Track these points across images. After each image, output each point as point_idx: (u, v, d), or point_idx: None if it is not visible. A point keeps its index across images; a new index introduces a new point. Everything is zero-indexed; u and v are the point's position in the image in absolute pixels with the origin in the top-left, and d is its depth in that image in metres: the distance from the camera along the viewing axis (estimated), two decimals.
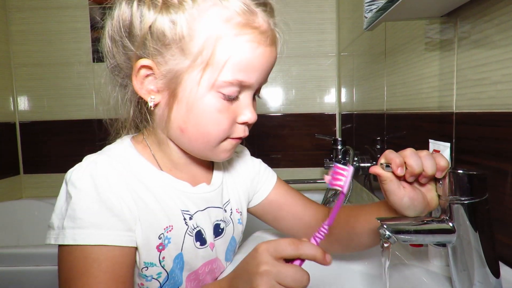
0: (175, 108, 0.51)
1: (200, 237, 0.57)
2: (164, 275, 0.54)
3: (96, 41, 1.87)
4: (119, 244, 0.48)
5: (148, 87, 0.51)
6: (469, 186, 0.44)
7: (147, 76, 0.51)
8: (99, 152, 0.55)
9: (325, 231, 0.44)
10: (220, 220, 0.61)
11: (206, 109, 0.50)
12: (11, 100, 1.90)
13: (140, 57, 0.50)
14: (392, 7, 0.61)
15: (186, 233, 0.55)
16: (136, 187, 0.52)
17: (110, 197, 0.49)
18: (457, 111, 0.66)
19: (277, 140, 1.89)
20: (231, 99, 0.51)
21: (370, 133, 1.24)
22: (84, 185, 0.49)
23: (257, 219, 0.71)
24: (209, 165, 0.63)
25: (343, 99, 1.76)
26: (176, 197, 0.55)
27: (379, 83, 1.11)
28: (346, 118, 1.69)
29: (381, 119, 1.10)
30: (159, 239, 0.53)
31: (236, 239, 0.66)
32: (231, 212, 0.63)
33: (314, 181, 1.78)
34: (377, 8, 0.68)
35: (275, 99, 1.88)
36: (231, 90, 0.50)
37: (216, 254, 0.61)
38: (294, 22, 1.94)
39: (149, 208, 0.52)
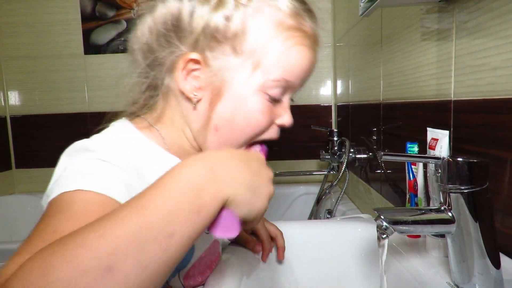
0: (218, 107, 0.50)
1: None
2: None
3: (87, 33, 1.84)
4: (113, 195, 0.41)
5: (192, 83, 0.50)
6: (468, 174, 0.43)
7: (192, 71, 0.49)
8: (102, 134, 0.51)
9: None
10: None
11: (251, 110, 0.49)
12: (1, 94, 1.87)
13: (189, 52, 0.49)
14: None
15: None
16: (144, 170, 0.48)
17: (122, 163, 0.45)
18: (455, 98, 0.65)
19: None
20: (275, 101, 0.51)
21: (366, 124, 1.23)
22: (98, 148, 0.45)
23: None
24: None
25: (339, 90, 1.75)
26: None
27: (375, 73, 1.10)
28: (342, 109, 1.68)
29: (377, 109, 1.08)
30: None
31: None
32: None
33: (311, 173, 1.77)
34: None
35: None
36: (277, 91, 0.50)
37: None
38: None
39: None
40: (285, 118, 0.53)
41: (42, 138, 1.89)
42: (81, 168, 0.43)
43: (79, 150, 0.46)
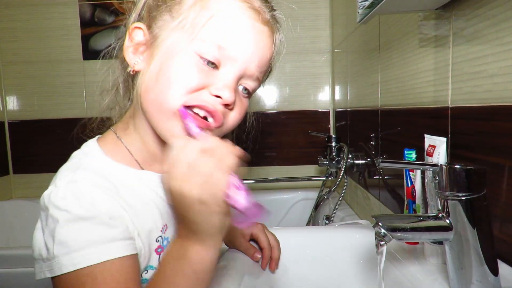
0: (149, 69, 0.48)
1: None
2: None
3: (86, 38, 1.84)
4: (122, 255, 0.44)
5: (138, 57, 0.50)
6: (466, 181, 0.43)
7: (140, 44, 0.50)
8: (70, 166, 0.50)
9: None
10: None
11: (179, 61, 0.47)
12: (0, 99, 1.87)
13: (135, 21, 0.50)
14: None
15: None
16: (123, 195, 0.48)
17: (100, 210, 0.45)
18: (452, 105, 0.65)
19: (271, 137, 1.87)
20: (210, 64, 0.47)
21: (365, 130, 1.23)
22: (70, 204, 0.44)
23: None
24: None
25: (337, 96, 1.75)
26: (162, 192, 0.53)
27: (373, 79, 1.10)
28: (340, 115, 1.68)
29: (375, 115, 1.09)
30: (157, 242, 0.51)
31: None
32: None
33: (309, 178, 1.76)
34: (371, 1, 0.67)
35: (269, 96, 1.86)
36: (208, 51, 0.46)
37: None
38: (287, 19, 1.92)
39: (141, 214, 0.49)
40: (222, 90, 0.47)
41: (40, 144, 1.88)
42: (77, 236, 0.43)
43: (53, 216, 0.44)
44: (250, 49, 0.49)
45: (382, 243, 0.45)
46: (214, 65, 0.47)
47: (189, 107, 0.47)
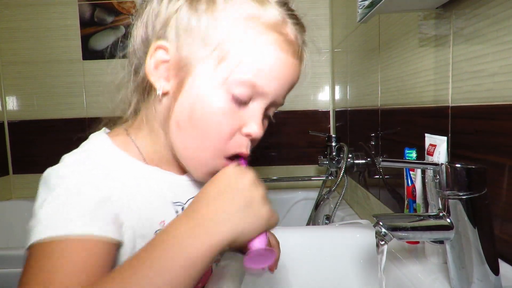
0: (179, 99, 0.47)
1: None
2: None
3: (85, 38, 1.84)
4: (95, 234, 0.42)
5: (161, 73, 0.48)
6: (467, 180, 0.43)
7: (162, 62, 0.48)
8: (78, 150, 0.50)
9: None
10: None
11: (212, 107, 0.46)
12: None
13: (159, 39, 0.48)
14: None
15: None
16: (125, 188, 0.48)
17: (94, 193, 0.44)
18: (452, 104, 0.65)
19: (271, 137, 1.87)
20: (240, 103, 0.47)
21: (365, 130, 1.23)
22: (71, 180, 0.44)
23: None
24: None
25: (337, 96, 1.75)
26: (166, 189, 0.53)
27: (373, 79, 1.10)
28: (340, 114, 1.68)
29: (375, 115, 1.09)
30: (155, 234, 0.51)
31: None
32: None
33: (309, 178, 1.76)
34: (371, 1, 0.67)
35: None
36: (242, 91, 0.46)
37: None
38: None
39: (142, 207, 0.49)
40: (252, 127, 0.48)
41: (40, 144, 1.88)
42: (60, 208, 0.42)
43: (54, 184, 0.44)
44: (282, 84, 0.49)
45: (382, 242, 0.45)
46: (245, 102, 0.47)
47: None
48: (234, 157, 0.50)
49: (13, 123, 1.89)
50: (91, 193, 0.44)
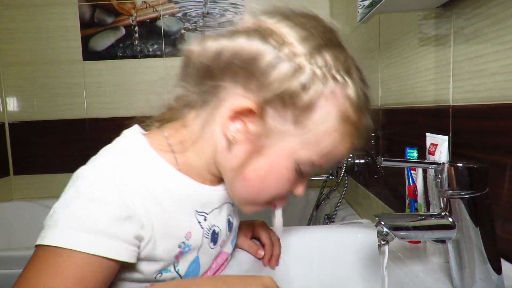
0: (254, 161, 0.49)
1: (214, 237, 0.56)
2: (177, 278, 0.52)
3: (85, 39, 1.85)
4: (103, 255, 0.42)
5: (236, 125, 0.48)
6: (469, 179, 0.43)
7: (243, 115, 0.47)
8: (113, 149, 0.50)
9: None
10: (229, 215, 0.60)
11: (283, 176, 0.50)
12: (0, 100, 1.87)
13: (251, 100, 0.46)
14: None
15: (203, 236, 0.54)
16: (156, 192, 0.48)
17: (119, 202, 0.44)
18: (453, 104, 0.65)
19: None
20: (301, 173, 0.51)
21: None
22: (95, 185, 0.44)
23: None
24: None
25: None
26: (194, 199, 0.53)
27: (374, 78, 1.10)
28: None
29: (376, 114, 1.09)
30: (179, 247, 0.50)
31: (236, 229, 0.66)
32: (233, 204, 0.62)
33: (309, 178, 1.76)
34: (371, 0, 0.67)
35: None
36: (307, 169, 0.50)
37: (225, 248, 0.61)
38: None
39: (169, 216, 0.49)
40: (300, 190, 0.54)
41: (40, 144, 1.88)
42: (79, 219, 0.42)
43: (80, 188, 0.44)
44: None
45: (384, 242, 0.45)
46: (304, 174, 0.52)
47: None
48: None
49: (13, 124, 1.89)
50: (115, 209, 0.43)
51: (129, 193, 0.45)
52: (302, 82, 0.44)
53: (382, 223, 0.44)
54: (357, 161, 1.26)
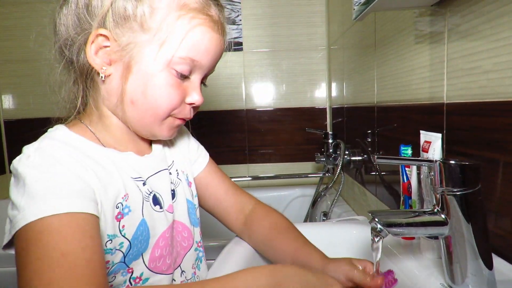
0: (129, 80, 0.54)
1: (156, 201, 0.59)
2: (126, 244, 0.54)
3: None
4: (83, 211, 0.46)
5: (102, 59, 0.53)
6: (461, 177, 0.43)
7: (102, 48, 0.53)
8: (37, 141, 0.53)
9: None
10: (170, 183, 0.64)
11: (161, 83, 0.54)
12: None
13: (99, 27, 0.52)
14: None
15: (144, 200, 0.57)
16: (85, 162, 0.51)
17: (66, 169, 0.48)
18: (447, 101, 0.66)
19: (268, 135, 1.88)
20: (183, 77, 0.55)
21: (361, 126, 1.23)
22: (36, 162, 0.47)
23: None
24: (149, 141, 0.65)
25: (333, 93, 1.75)
26: (126, 167, 0.56)
27: (369, 76, 1.10)
28: (337, 111, 1.68)
29: (371, 112, 1.09)
30: (117, 208, 0.53)
31: (193, 203, 0.68)
32: (177, 173, 0.66)
33: (306, 175, 1.77)
34: (364, 0, 0.67)
35: (266, 93, 1.87)
36: (183, 68, 0.54)
37: (177, 217, 0.63)
38: (283, 16, 1.93)
39: (102, 181, 0.52)
40: (194, 97, 0.58)
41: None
42: (40, 188, 0.45)
43: (26, 172, 0.46)
44: (213, 56, 0.57)
45: (377, 238, 0.46)
46: (186, 76, 0.56)
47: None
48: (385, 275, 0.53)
49: (9, 121, 1.88)
50: (65, 173, 0.47)
51: (68, 163, 0.48)
52: None
53: (376, 219, 0.45)
54: (353, 158, 1.27)
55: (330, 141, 1.47)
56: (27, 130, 1.87)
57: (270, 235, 0.66)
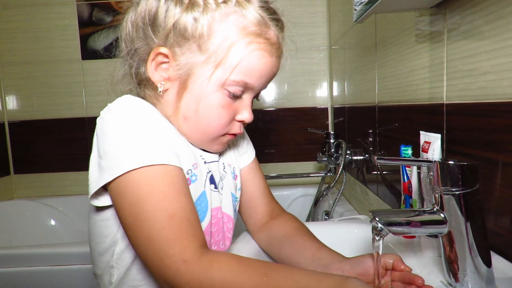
0: (184, 98, 0.56)
1: (213, 181, 0.63)
2: None
3: (84, 38, 1.85)
4: (174, 164, 0.51)
5: (160, 74, 0.56)
6: (459, 176, 0.44)
7: (162, 63, 0.56)
8: (119, 99, 0.56)
9: None
10: (219, 173, 0.66)
11: (212, 103, 0.56)
12: None
13: (160, 45, 0.55)
14: None
15: (207, 174, 0.61)
16: (165, 126, 0.56)
17: (153, 126, 0.52)
18: (447, 102, 0.66)
19: (270, 135, 1.89)
20: (235, 97, 0.56)
21: (362, 126, 1.24)
22: (132, 114, 0.52)
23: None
24: None
25: (335, 93, 1.76)
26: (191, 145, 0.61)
27: (370, 76, 1.11)
28: (338, 111, 1.69)
29: (372, 111, 1.10)
30: (187, 174, 0.56)
31: (235, 196, 0.70)
32: (224, 166, 0.68)
33: (308, 175, 1.78)
34: (367, 0, 0.68)
35: (268, 94, 1.88)
36: (236, 89, 0.55)
37: (223, 202, 0.66)
38: (284, 16, 1.93)
39: (177, 146, 0.55)
40: (244, 115, 0.59)
41: (40, 143, 1.89)
42: (136, 144, 0.50)
43: (116, 124, 0.51)
44: (266, 78, 0.58)
45: (378, 237, 0.47)
46: (238, 96, 0.57)
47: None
48: None
49: (13, 123, 1.90)
50: (154, 130, 0.52)
51: (156, 119, 0.54)
52: (194, 16, 0.52)
53: (377, 218, 0.45)
54: (354, 157, 1.28)
55: (332, 141, 1.48)
56: (31, 131, 1.89)
57: (293, 231, 0.67)
